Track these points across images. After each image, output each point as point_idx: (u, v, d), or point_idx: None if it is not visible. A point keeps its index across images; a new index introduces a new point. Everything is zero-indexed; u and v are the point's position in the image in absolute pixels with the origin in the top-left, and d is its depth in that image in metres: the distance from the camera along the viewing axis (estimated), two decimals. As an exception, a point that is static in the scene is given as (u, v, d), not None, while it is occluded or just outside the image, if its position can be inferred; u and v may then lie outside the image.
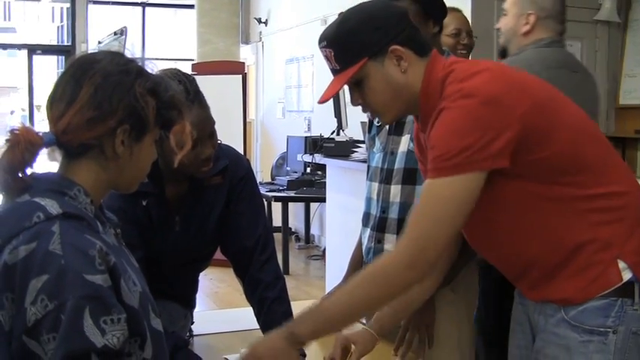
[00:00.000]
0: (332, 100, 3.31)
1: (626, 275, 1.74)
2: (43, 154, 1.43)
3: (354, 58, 1.75)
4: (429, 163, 1.70)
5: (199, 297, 2.57)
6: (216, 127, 2.12)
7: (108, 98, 1.40)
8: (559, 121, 1.75)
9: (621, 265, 1.74)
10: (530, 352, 1.93)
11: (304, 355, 2.01)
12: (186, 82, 2.01)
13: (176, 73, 2.02)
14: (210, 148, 2.07)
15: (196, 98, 2.03)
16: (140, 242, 2.10)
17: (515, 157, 1.68)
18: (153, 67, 1.52)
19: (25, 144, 1.35)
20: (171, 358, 1.81)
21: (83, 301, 1.26)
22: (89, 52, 1.50)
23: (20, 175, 1.37)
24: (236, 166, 2.24)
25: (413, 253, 1.66)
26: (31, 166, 1.39)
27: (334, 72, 1.81)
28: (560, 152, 1.73)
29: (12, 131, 1.36)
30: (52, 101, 1.42)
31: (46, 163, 1.47)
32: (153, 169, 2.06)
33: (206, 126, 2.06)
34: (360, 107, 1.85)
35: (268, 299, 2.19)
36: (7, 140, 1.36)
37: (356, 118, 5.47)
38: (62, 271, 1.27)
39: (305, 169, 7.86)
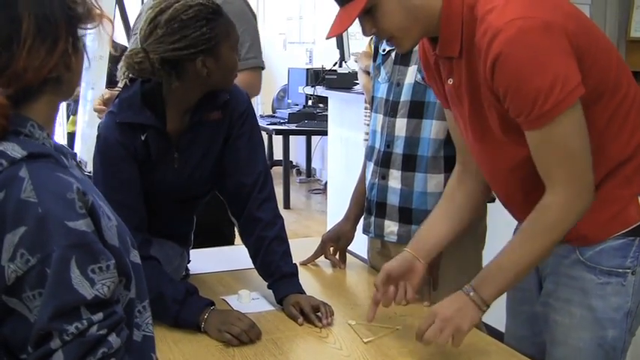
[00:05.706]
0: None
1: None
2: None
3: None
4: (523, 115, 1.60)
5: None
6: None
7: (48, 19, 1.21)
8: (595, 41, 1.67)
9: None
10: (535, 295, 1.90)
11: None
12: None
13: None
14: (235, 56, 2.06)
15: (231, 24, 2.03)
16: (138, 178, 2.05)
17: None
18: None
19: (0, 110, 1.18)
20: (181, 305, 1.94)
21: (69, 251, 1.14)
22: None
23: None
24: (236, 101, 2.16)
25: (572, 198, 1.63)
26: None
27: (340, 2, 1.68)
28: (602, 73, 1.65)
29: None
30: None
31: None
32: (155, 101, 1.99)
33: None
34: (361, 36, 1.74)
35: (267, 238, 2.13)
36: None
37: (359, 48, 5.33)
38: (41, 220, 1.14)
39: (306, 102, 7.82)
